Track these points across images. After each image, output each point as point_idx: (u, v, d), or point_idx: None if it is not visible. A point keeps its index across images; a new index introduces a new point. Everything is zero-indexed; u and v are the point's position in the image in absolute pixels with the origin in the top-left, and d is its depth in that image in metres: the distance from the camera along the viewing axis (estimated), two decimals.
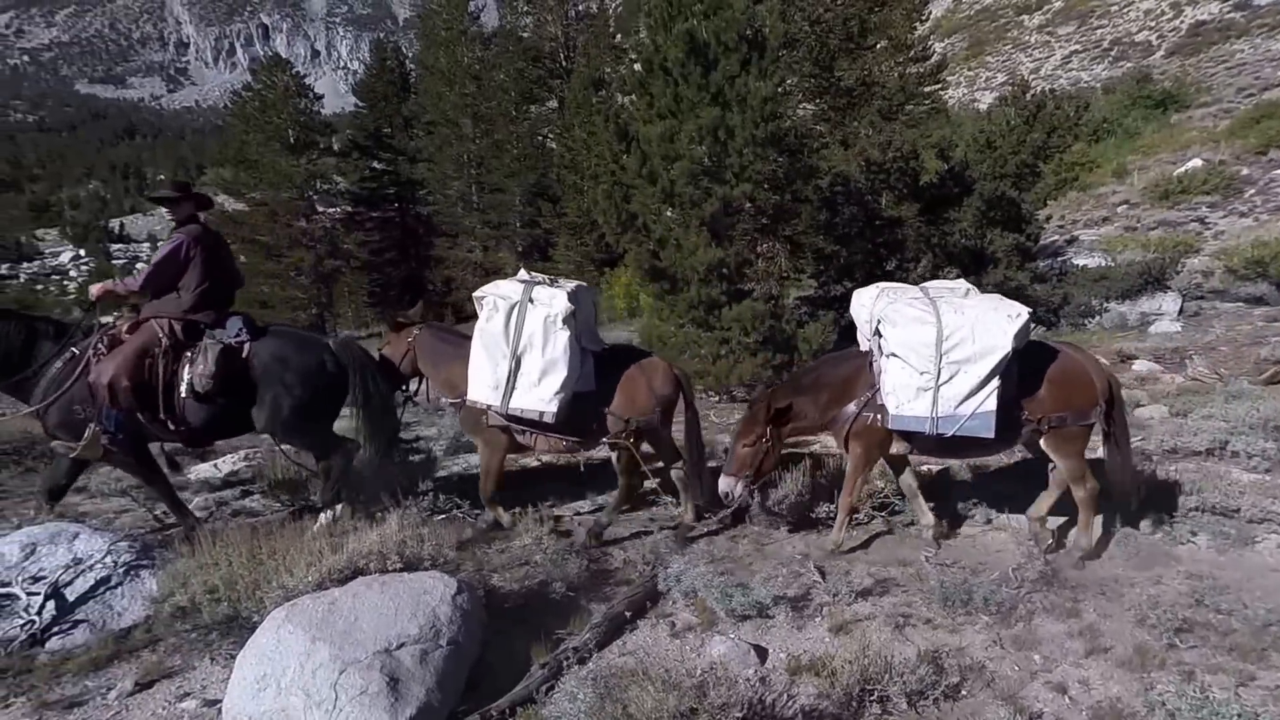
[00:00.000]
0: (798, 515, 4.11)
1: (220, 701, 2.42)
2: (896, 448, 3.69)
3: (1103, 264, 12.15)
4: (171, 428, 3.67)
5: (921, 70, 10.53)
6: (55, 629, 2.81)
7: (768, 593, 3.16)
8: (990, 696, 2.56)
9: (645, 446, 4.10)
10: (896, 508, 4.20)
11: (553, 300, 3.71)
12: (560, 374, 3.69)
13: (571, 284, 3.99)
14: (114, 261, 63.53)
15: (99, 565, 3.01)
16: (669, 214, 8.16)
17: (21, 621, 2.75)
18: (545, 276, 4.04)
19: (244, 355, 3.71)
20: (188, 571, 2.96)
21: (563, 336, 3.69)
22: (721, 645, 2.81)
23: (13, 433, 4.92)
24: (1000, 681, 2.65)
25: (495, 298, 3.80)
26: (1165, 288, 10.95)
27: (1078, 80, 33.93)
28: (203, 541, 3.01)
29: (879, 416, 3.51)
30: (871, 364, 3.65)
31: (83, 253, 73.49)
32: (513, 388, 3.72)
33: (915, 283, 10.28)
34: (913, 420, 3.41)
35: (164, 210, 3.88)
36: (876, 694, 2.47)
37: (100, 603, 2.94)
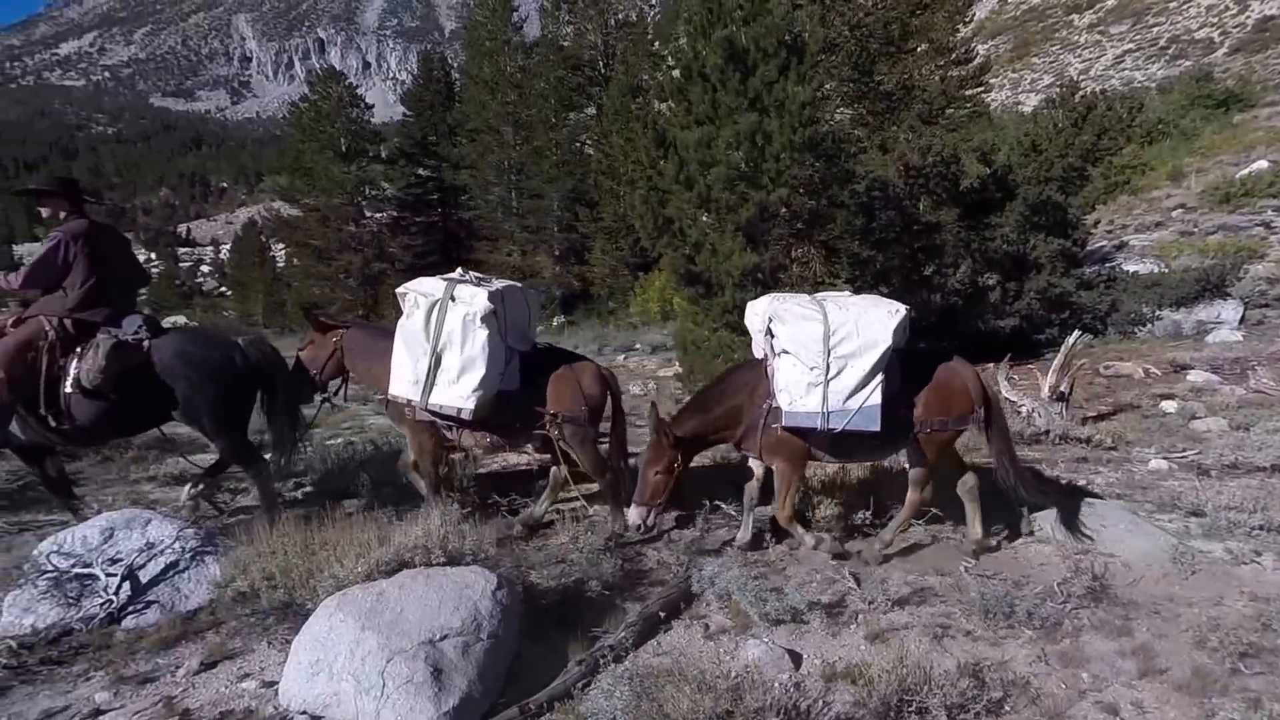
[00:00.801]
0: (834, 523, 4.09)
1: (277, 683, 2.54)
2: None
3: (1155, 270, 11.67)
4: (53, 424, 3.55)
5: (964, 73, 10.30)
6: (130, 608, 2.99)
7: (802, 598, 3.15)
8: (1035, 714, 2.49)
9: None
10: (936, 515, 4.14)
11: (473, 299, 3.74)
12: (479, 372, 3.72)
13: (502, 283, 4.00)
14: (180, 264, 67.19)
15: (169, 550, 3.20)
16: (705, 219, 8.19)
17: (101, 600, 2.95)
18: (476, 275, 4.05)
19: (144, 353, 3.63)
20: (248, 559, 3.12)
21: (481, 334, 3.72)
22: (756, 649, 2.81)
23: None
24: (1046, 699, 2.56)
25: (417, 295, 3.83)
26: (1225, 295, 10.46)
27: (1131, 80, 32.69)
28: (261, 531, 3.17)
29: (781, 426, 3.56)
30: (767, 369, 3.68)
31: (153, 256, 77.99)
32: (432, 384, 3.77)
33: (954, 288, 10.11)
34: (805, 416, 3.48)
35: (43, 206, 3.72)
36: (915, 705, 2.42)
37: (170, 585, 3.12)
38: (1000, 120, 19.23)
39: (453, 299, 3.76)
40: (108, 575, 3.01)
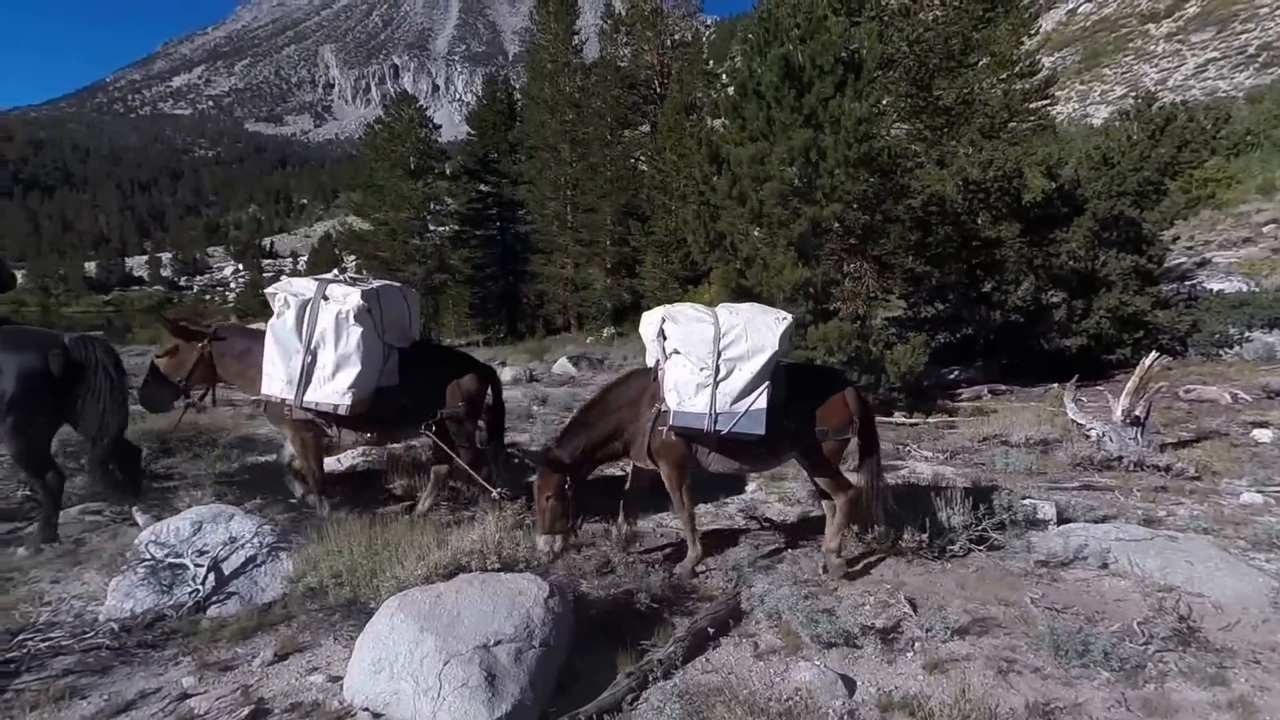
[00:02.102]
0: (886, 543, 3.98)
1: (342, 679, 2.64)
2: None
3: (1243, 289, 10.91)
4: None
5: (1027, 86, 9.93)
6: (214, 598, 3.19)
7: (855, 621, 3.08)
8: None
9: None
10: (996, 542, 3.98)
11: (346, 298, 3.80)
12: (354, 369, 3.79)
13: (379, 282, 4.04)
14: (264, 274, 72.49)
15: (248, 545, 3.39)
16: (756, 233, 8.18)
17: (190, 589, 3.15)
18: (351, 275, 4.09)
19: None
20: (317, 557, 3.29)
21: (355, 332, 3.78)
22: (807, 672, 2.75)
23: (184, 424, 5.22)
24: None
25: (287, 295, 3.87)
26: None
27: (1214, 90, 30.81)
28: (330, 530, 3.34)
29: (670, 426, 3.58)
30: (657, 375, 3.69)
31: (240, 267, 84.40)
32: (307, 382, 3.81)
33: (1015, 305, 9.72)
34: (693, 417, 3.51)
35: None
36: None
37: (248, 578, 3.30)
38: (1067, 133, 18.47)
39: (325, 298, 3.85)
40: (196, 566, 3.22)
